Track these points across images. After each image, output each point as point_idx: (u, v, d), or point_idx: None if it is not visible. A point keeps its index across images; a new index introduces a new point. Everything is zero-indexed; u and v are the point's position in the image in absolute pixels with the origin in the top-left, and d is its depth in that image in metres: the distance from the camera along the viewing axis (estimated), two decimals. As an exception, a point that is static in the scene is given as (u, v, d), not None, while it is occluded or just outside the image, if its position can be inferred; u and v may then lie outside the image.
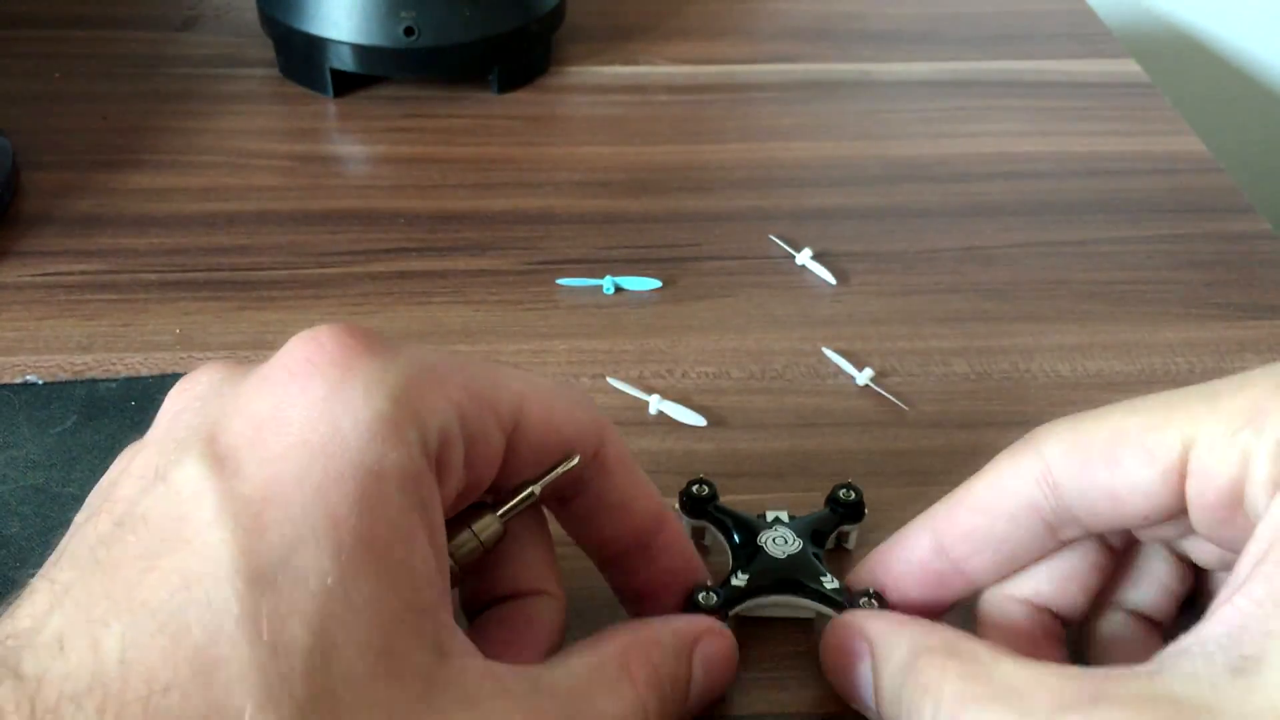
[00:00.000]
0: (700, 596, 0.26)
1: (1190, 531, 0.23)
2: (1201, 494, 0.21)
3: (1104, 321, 0.39)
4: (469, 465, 0.22)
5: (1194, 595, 0.26)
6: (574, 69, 0.52)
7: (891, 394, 0.35)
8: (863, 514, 0.30)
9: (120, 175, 0.44)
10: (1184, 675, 0.19)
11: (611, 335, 0.37)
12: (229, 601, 0.17)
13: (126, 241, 0.40)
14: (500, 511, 0.23)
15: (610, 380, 0.35)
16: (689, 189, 0.45)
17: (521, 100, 0.50)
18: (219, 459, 0.19)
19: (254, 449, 0.19)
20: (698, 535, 0.30)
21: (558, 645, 0.24)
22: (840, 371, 0.36)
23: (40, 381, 0.34)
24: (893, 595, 0.26)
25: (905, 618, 0.24)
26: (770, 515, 0.29)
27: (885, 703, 0.23)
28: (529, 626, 0.24)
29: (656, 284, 0.39)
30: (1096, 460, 0.23)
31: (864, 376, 0.36)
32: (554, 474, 0.23)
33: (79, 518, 0.20)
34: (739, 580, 0.27)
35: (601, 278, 0.39)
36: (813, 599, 0.27)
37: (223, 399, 0.20)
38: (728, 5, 0.58)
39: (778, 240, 0.41)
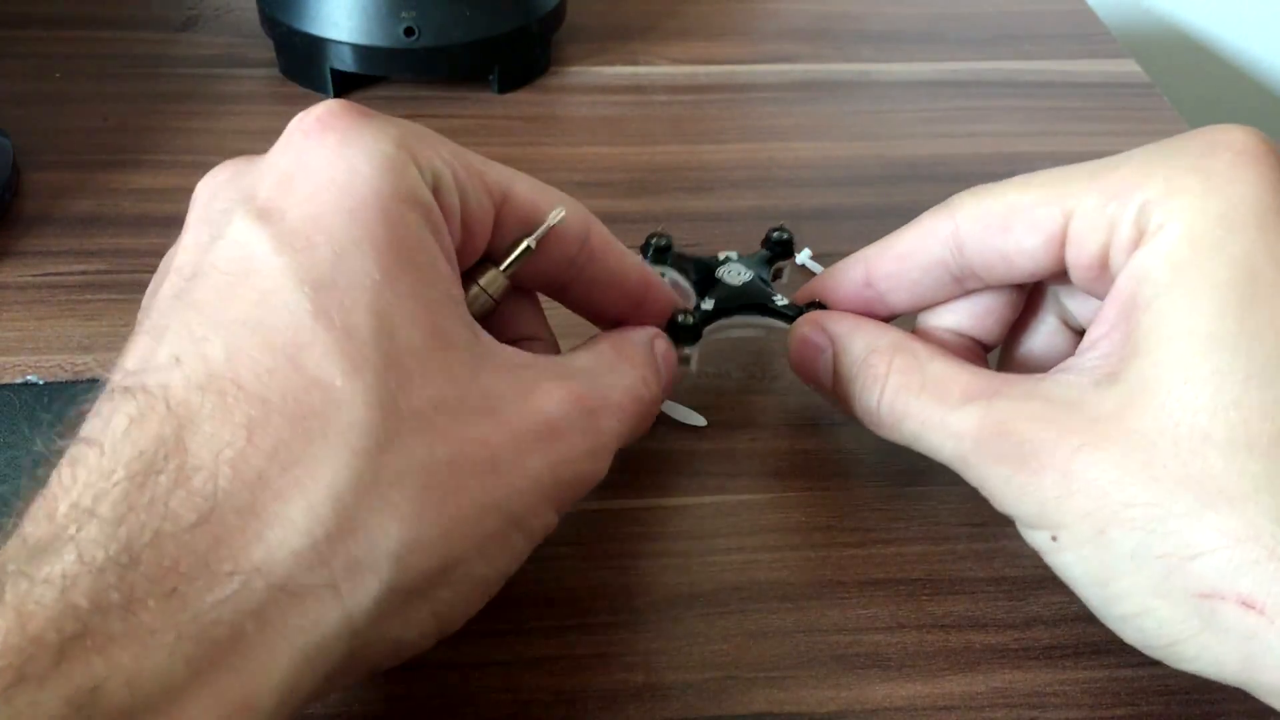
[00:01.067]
0: (680, 318, 0.31)
1: (1069, 284, 0.27)
2: (1078, 257, 0.26)
3: (1103, 321, 0.39)
4: (463, 224, 0.25)
5: None
6: (574, 69, 0.52)
7: (891, 394, 0.35)
8: (793, 251, 0.35)
9: (120, 175, 0.44)
10: (1062, 384, 0.25)
11: (611, 335, 0.37)
12: (302, 303, 0.21)
13: (127, 241, 0.40)
14: (502, 266, 0.26)
15: (610, 380, 0.35)
16: (689, 189, 0.45)
17: (521, 100, 0.50)
18: (262, 211, 0.22)
19: (288, 196, 0.22)
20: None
21: None
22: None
23: (40, 381, 0.34)
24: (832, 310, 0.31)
25: (863, 319, 0.30)
26: (722, 255, 0.35)
27: (842, 386, 0.29)
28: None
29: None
30: (994, 228, 0.27)
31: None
32: (544, 227, 0.26)
33: (145, 302, 0.24)
34: (707, 304, 0.33)
35: (601, 278, 0.39)
36: (770, 316, 0.33)
37: (249, 173, 0.24)
38: (728, 5, 0.58)
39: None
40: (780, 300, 0.33)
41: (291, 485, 0.19)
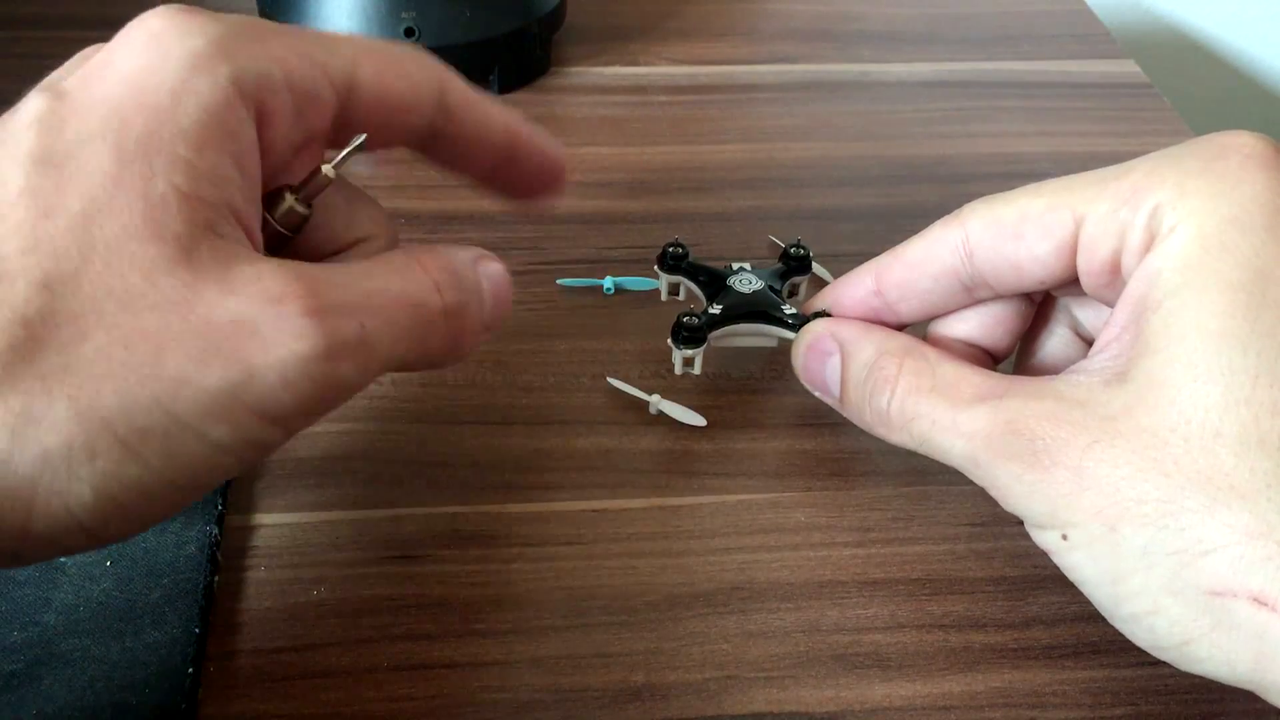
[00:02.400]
0: (685, 318, 0.32)
1: (1080, 294, 0.28)
2: (1089, 263, 0.26)
3: (1103, 321, 0.39)
4: (300, 118, 0.24)
5: None
6: (574, 69, 0.52)
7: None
8: (810, 267, 0.35)
9: (121, 175, 0.43)
10: (1072, 383, 0.25)
11: (611, 335, 0.37)
12: (16, 178, 0.21)
13: (127, 242, 0.40)
14: (297, 193, 0.25)
15: (610, 380, 0.35)
16: (689, 189, 0.45)
17: (521, 101, 0.50)
18: (55, 91, 0.22)
19: (81, 82, 0.22)
20: (674, 289, 0.36)
21: None
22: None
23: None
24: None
25: (870, 325, 0.30)
26: (735, 265, 0.35)
27: (850, 391, 0.29)
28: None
29: (656, 284, 0.39)
30: (1005, 235, 0.27)
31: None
32: (343, 154, 0.25)
33: None
34: (715, 309, 0.33)
35: (602, 278, 0.39)
36: (775, 324, 0.33)
37: (79, 60, 0.24)
38: (728, 5, 0.58)
39: (777, 240, 0.41)
40: (788, 310, 0.33)
41: None
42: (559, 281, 0.39)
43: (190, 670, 0.26)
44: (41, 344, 0.20)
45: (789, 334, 0.32)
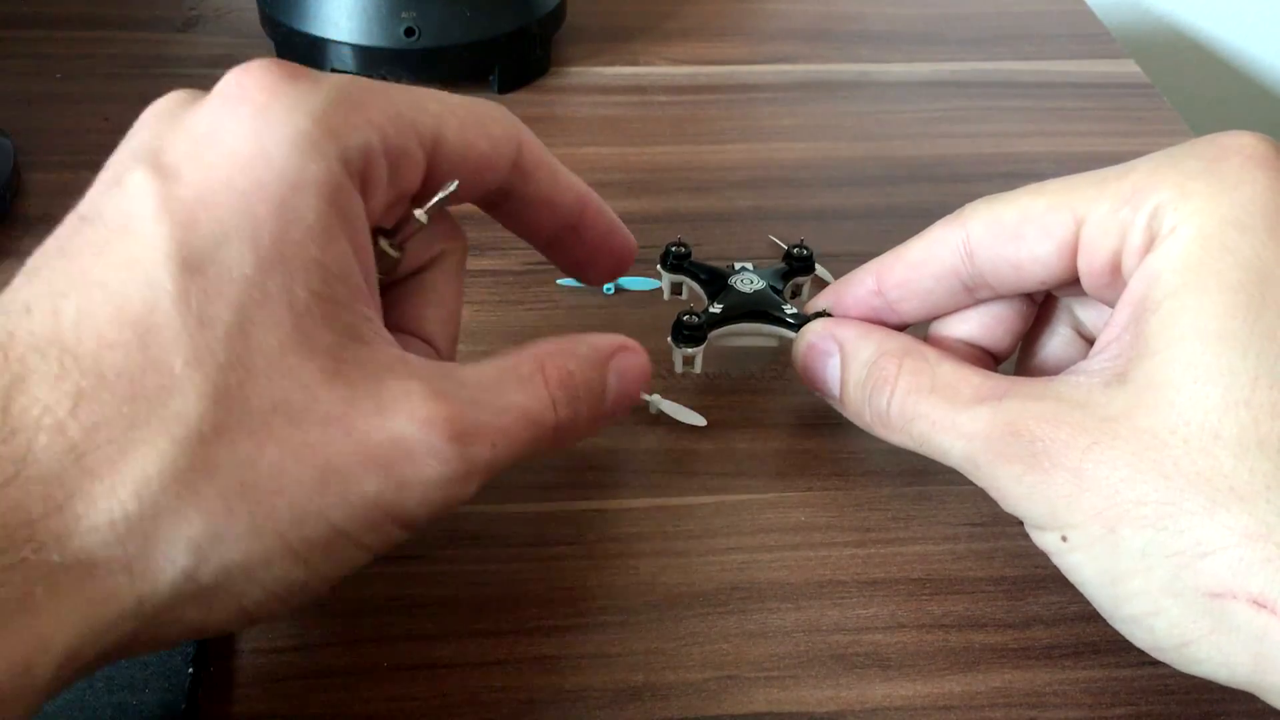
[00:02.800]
0: (685, 317, 0.32)
1: (1081, 294, 0.28)
2: (1090, 264, 0.26)
3: (1103, 321, 0.39)
4: (394, 179, 0.25)
5: None
6: (574, 69, 0.52)
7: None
8: (813, 267, 0.35)
9: (121, 175, 0.44)
10: (1071, 385, 0.25)
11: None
12: (165, 281, 0.21)
13: (127, 242, 0.40)
14: (393, 240, 0.26)
15: (610, 380, 0.35)
16: (689, 189, 0.45)
17: (521, 101, 0.50)
18: (162, 168, 0.22)
19: (191, 160, 0.22)
20: (676, 289, 0.36)
21: None
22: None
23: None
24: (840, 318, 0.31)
25: (871, 325, 0.30)
26: (737, 265, 0.35)
27: (850, 391, 0.29)
28: None
29: (657, 284, 0.39)
30: (1006, 235, 0.27)
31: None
32: (435, 200, 0.26)
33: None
34: (716, 308, 0.33)
35: (601, 278, 0.39)
36: (776, 324, 0.33)
37: (172, 121, 0.23)
38: (728, 5, 0.58)
39: (777, 240, 0.41)
40: (789, 310, 0.33)
41: (104, 463, 0.19)
42: (559, 281, 0.39)
43: (190, 670, 0.26)
44: (218, 460, 0.20)
45: (790, 334, 0.32)
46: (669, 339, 0.33)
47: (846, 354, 0.29)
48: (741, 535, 0.31)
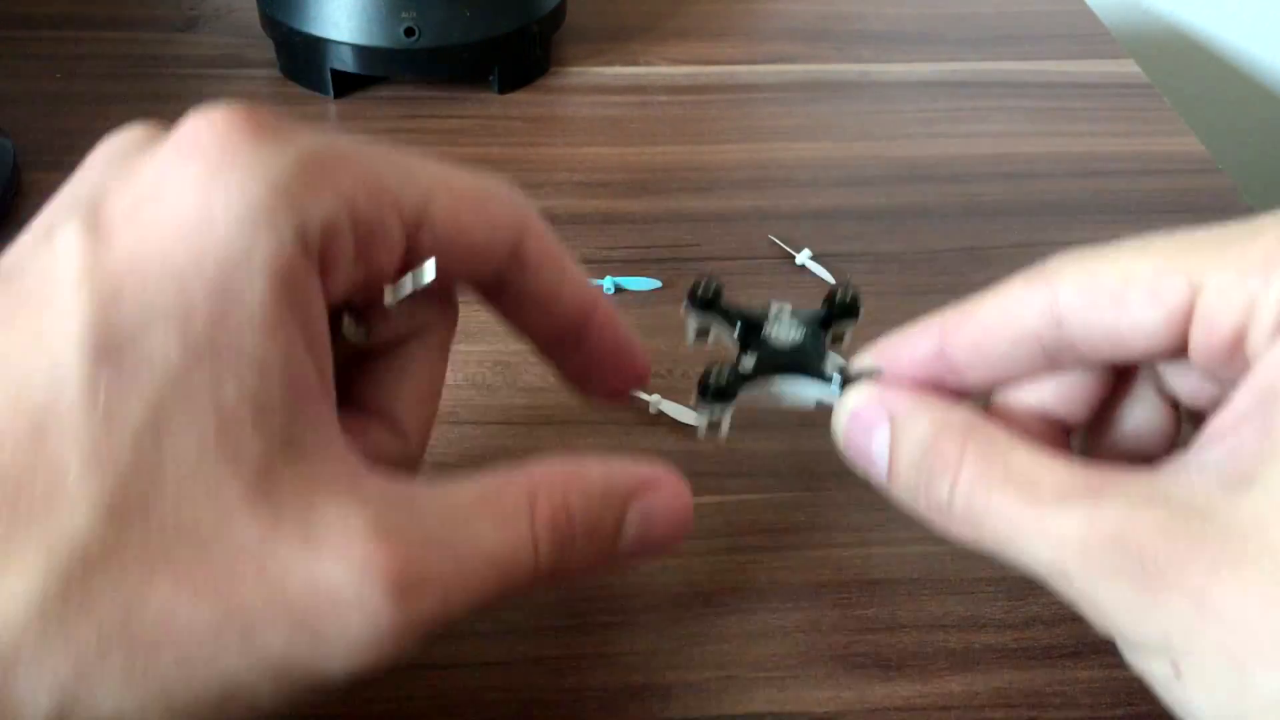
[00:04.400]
0: (712, 375, 0.27)
1: (1183, 363, 0.24)
2: (1206, 337, 0.22)
3: (1103, 322, 0.39)
4: (363, 258, 0.21)
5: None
6: (574, 69, 0.52)
7: (891, 394, 0.35)
8: (858, 312, 0.30)
9: (121, 175, 0.44)
10: (1184, 484, 0.21)
11: (611, 335, 0.37)
12: (73, 365, 0.18)
13: (127, 242, 0.40)
14: (357, 322, 0.23)
15: (610, 380, 0.35)
16: (689, 189, 0.45)
17: (522, 101, 0.50)
18: (97, 225, 0.19)
19: (128, 220, 0.19)
20: (702, 331, 0.30)
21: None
22: (840, 371, 0.36)
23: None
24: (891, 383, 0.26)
25: (926, 393, 0.25)
26: (775, 307, 0.29)
27: (900, 473, 0.24)
28: (370, 451, 0.22)
29: (656, 284, 0.39)
30: (1105, 301, 0.23)
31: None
32: (410, 286, 0.22)
33: None
34: (747, 362, 0.28)
35: (601, 278, 0.39)
36: (816, 381, 0.28)
37: (122, 165, 0.21)
38: (728, 5, 0.58)
39: (777, 240, 0.41)
40: (832, 366, 0.28)
41: None
42: (559, 281, 0.39)
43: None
44: (99, 590, 0.17)
45: (832, 396, 0.27)
46: (694, 400, 0.28)
47: (898, 427, 0.25)
48: (741, 535, 0.31)
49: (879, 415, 0.25)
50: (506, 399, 0.35)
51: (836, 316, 0.30)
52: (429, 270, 0.22)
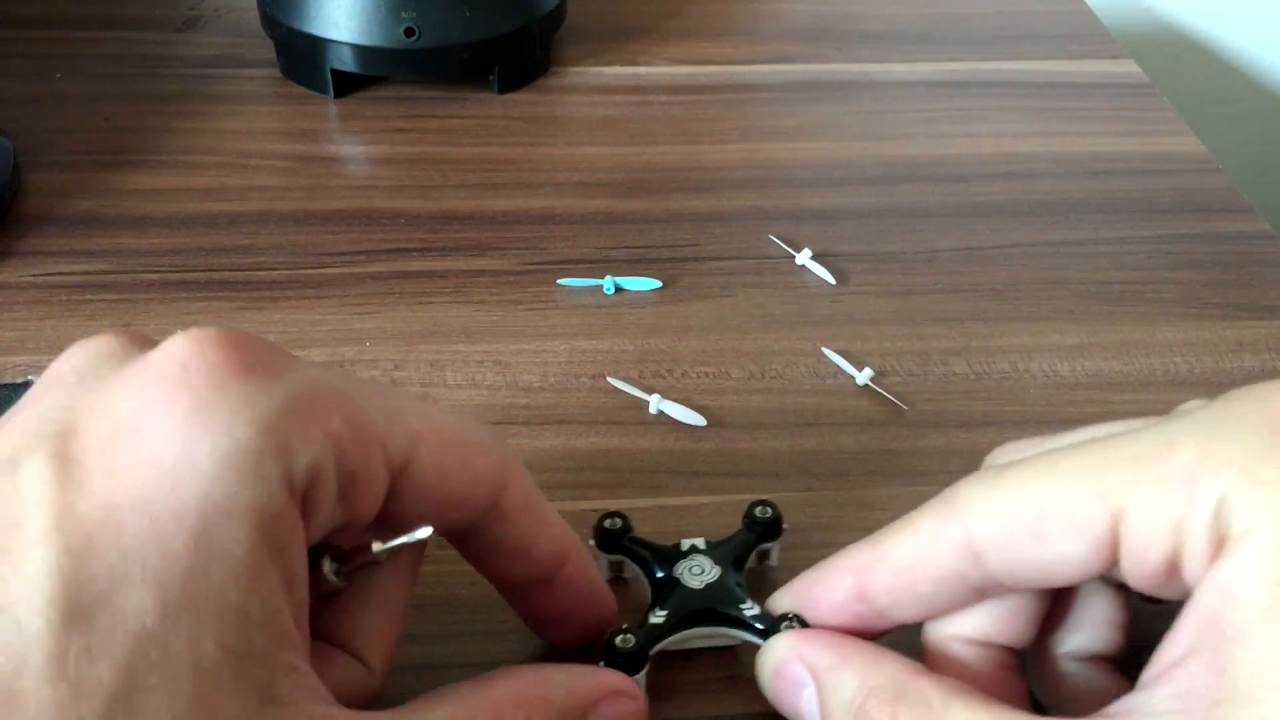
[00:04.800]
0: (618, 640, 0.25)
1: None
2: (1138, 567, 0.21)
3: (1103, 322, 0.39)
4: (346, 501, 0.20)
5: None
6: (574, 69, 0.52)
7: (891, 394, 0.35)
8: (780, 531, 0.29)
9: (121, 175, 0.44)
10: None
11: (611, 335, 0.37)
12: (40, 634, 0.17)
13: (127, 241, 0.40)
14: (336, 568, 0.22)
15: (610, 380, 0.35)
16: (689, 189, 0.45)
17: (522, 100, 0.50)
18: (67, 462, 0.18)
19: (103, 459, 0.18)
20: (616, 568, 0.29)
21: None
22: (839, 371, 0.36)
23: (41, 381, 0.34)
24: (814, 625, 0.25)
25: (849, 644, 0.24)
26: (686, 544, 0.28)
27: None
28: (335, 686, 0.21)
29: (656, 284, 0.39)
30: (1021, 534, 0.22)
31: (863, 376, 0.36)
32: (401, 541, 0.22)
33: None
34: (657, 618, 0.27)
35: (602, 278, 0.39)
36: (733, 627, 0.26)
37: (96, 384, 0.19)
38: (728, 5, 0.58)
39: (777, 240, 0.41)
40: (750, 609, 0.26)
41: None
42: (559, 281, 0.39)
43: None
44: None
45: (754, 639, 0.26)
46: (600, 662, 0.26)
47: (824, 688, 0.23)
48: (741, 535, 0.31)
49: (801, 674, 0.24)
50: (506, 399, 0.35)
51: (759, 539, 0.29)
52: (424, 531, 0.22)
